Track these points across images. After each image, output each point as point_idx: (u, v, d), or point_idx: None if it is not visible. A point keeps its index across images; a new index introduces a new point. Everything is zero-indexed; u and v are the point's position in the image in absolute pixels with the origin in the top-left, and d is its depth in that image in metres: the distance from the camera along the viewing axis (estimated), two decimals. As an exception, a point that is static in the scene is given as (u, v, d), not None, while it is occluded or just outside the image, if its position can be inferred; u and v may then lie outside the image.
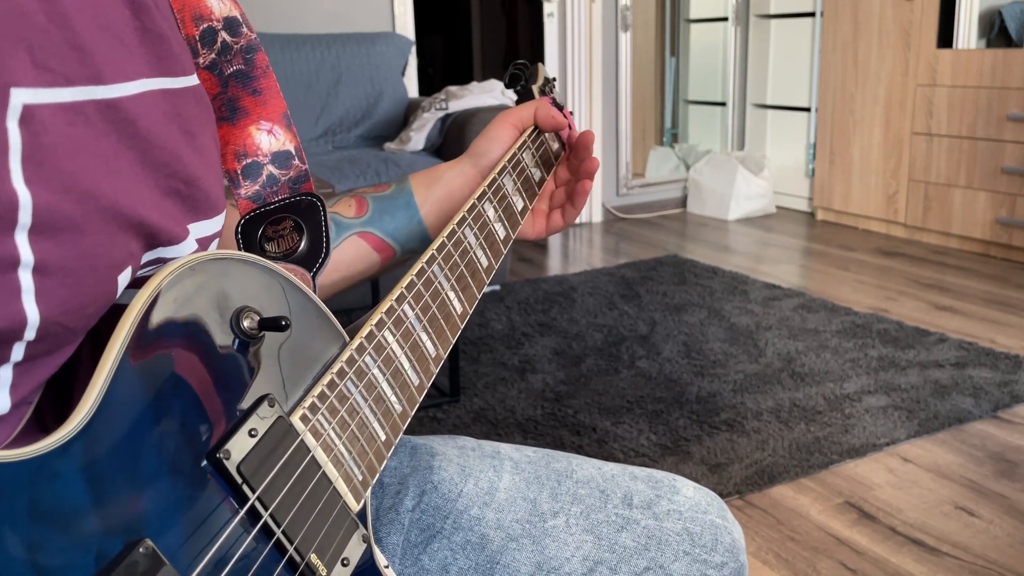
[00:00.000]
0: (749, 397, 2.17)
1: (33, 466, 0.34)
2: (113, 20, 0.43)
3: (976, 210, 3.42)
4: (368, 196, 0.73)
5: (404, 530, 0.64)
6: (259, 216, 0.57)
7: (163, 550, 0.38)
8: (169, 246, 0.47)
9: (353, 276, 0.72)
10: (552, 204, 0.82)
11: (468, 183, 0.75)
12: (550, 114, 0.78)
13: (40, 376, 0.43)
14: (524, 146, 0.76)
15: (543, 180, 0.79)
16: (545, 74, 0.88)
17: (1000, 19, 3.43)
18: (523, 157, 0.76)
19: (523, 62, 0.88)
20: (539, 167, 0.78)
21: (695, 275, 3.24)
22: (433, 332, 0.59)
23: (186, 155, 0.47)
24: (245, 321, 0.45)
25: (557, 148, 0.82)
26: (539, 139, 0.79)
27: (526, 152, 0.77)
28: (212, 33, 0.53)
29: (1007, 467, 1.83)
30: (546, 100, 0.81)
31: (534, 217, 0.80)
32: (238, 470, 0.42)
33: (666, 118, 5.40)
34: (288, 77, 3.25)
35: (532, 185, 0.77)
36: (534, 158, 0.78)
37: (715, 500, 0.71)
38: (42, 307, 0.39)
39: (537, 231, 0.80)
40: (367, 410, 0.52)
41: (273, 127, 0.57)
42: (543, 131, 0.80)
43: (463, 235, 0.64)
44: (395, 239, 0.73)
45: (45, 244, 0.38)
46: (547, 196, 0.82)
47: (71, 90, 0.40)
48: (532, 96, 0.85)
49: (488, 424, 2.07)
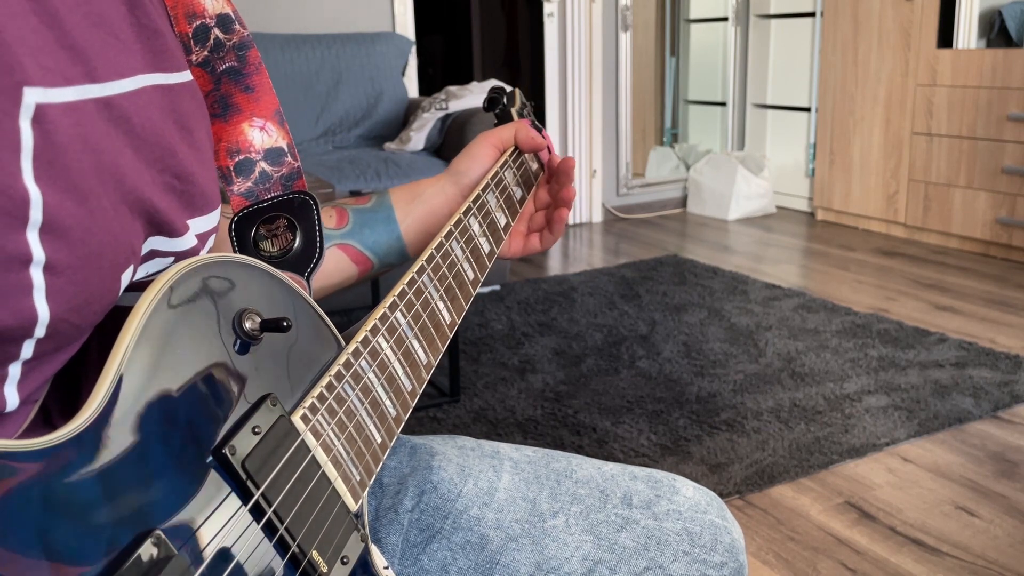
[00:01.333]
0: (749, 397, 2.17)
1: (47, 455, 0.35)
2: (108, 16, 0.43)
3: (976, 210, 3.43)
4: (349, 208, 0.74)
5: (403, 530, 0.65)
6: (252, 213, 0.57)
7: (171, 543, 0.38)
8: (171, 237, 0.47)
9: (330, 287, 0.73)
10: (531, 227, 0.84)
11: (448, 201, 0.76)
12: (530, 135, 0.81)
13: (47, 373, 0.43)
14: (506, 165, 0.79)
15: (524, 199, 0.81)
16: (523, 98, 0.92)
17: (1000, 19, 3.43)
18: (505, 175, 0.78)
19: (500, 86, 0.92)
20: (520, 186, 0.81)
21: (695, 275, 3.24)
22: (424, 340, 0.60)
23: (181, 151, 0.48)
24: (247, 322, 0.46)
25: (536, 168, 0.85)
26: (519, 159, 0.82)
27: (508, 171, 0.79)
28: (205, 30, 0.53)
29: (1007, 467, 1.83)
30: (525, 122, 0.84)
31: (511, 238, 0.82)
32: (243, 466, 0.43)
33: (666, 118, 5.40)
34: (288, 77, 3.25)
35: (514, 203, 0.79)
36: (515, 177, 0.80)
37: (715, 500, 0.71)
38: (52, 305, 0.39)
39: (513, 251, 0.82)
40: (364, 413, 0.53)
41: (266, 124, 0.57)
42: (523, 152, 0.82)
43: (450, 248, 0.66)
44: (374, 252, 0.74)
45: (55, 242, 0.39)
46: (526, 218, 0.84)
47: (72, 89, 0.40)
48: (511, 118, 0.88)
49: (488, 424, 2.07)
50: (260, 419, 0.45)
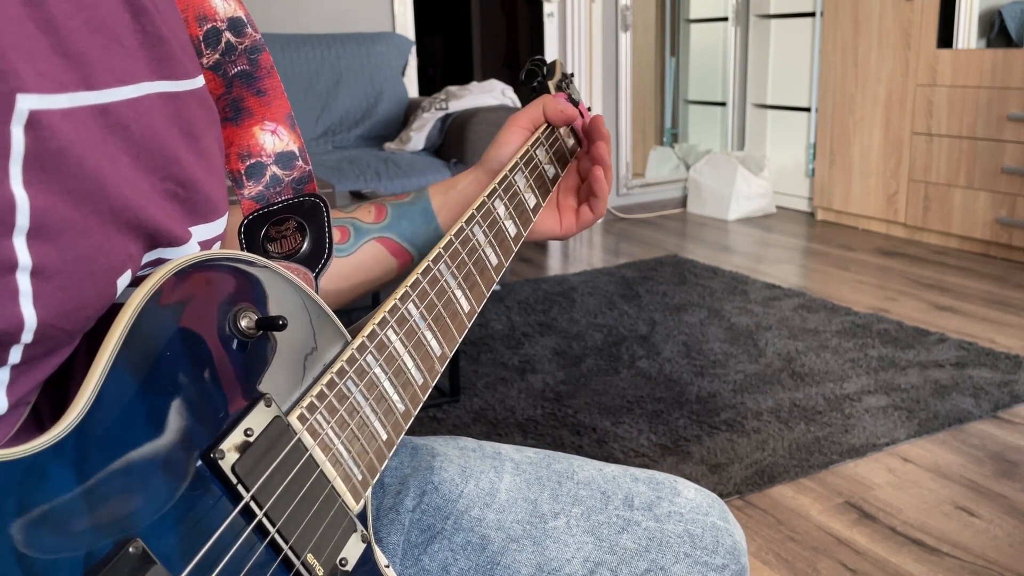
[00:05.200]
0: (749, 397, 2.17)
1: (24, 465, 0.34)
2: (110, 23, 0.43)
3: (976, 210, 3.42)
4: (387, 203, 0.74)
5: (405, 530, 0.64)
6: (262, 216, 0.57)
7: (155, 550, 0.38)
8: (171, 247, 0.47)
9: (371, 281, 0.72)
10: (579, 199, 0.80)
11: (482, 188, 0.75)
12: (558, 108, 0.77)
13: (37, 377, 0.43)
14: (537, 143, 0.76)
15: (557, 177, 0.78)
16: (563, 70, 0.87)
17: (1000, 19, 3.43)
18: (536, 154, 0.75)
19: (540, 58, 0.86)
20: (553, 163, 0.77)
21: (695, 275, 3.24)
22: (438, 330, 0.58)
23: (185, 158, 0.47)
24: (243, 320, 0.45)
25: (573, 144, 0.81)
26: (553, 135, 0.78)
27: (539, 149, 0.76)
28: (216, 33, 0.53)
29: (1007, 467, 1.83)
30: (561, 96, 0.80)
31: (563, 214, 0.79)
32: (232, 470, 0.42)
33: (666, 118, 5.40)
34: (288, 77, 3.25)
35: (545, 182, 0.76)
36: (548, 154, 0.77)
37: (716, 502, 0.70)
38: (39, 310, 0.39)
39: (567, 228, 0.79)
40: (367, 409, 0.52)
41: (277, 128, 0.57)
42: (555, 127, 0.79)
43: (471, 233, 0.64)
44: (412, 244, 0.73)
45: (43, 247, 0.38)
46: (573, 191, 0.81)
47: (68, 96, 0.40)
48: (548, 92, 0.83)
49: (488, 424, 2.06)
50: (253, 420, 0.44)
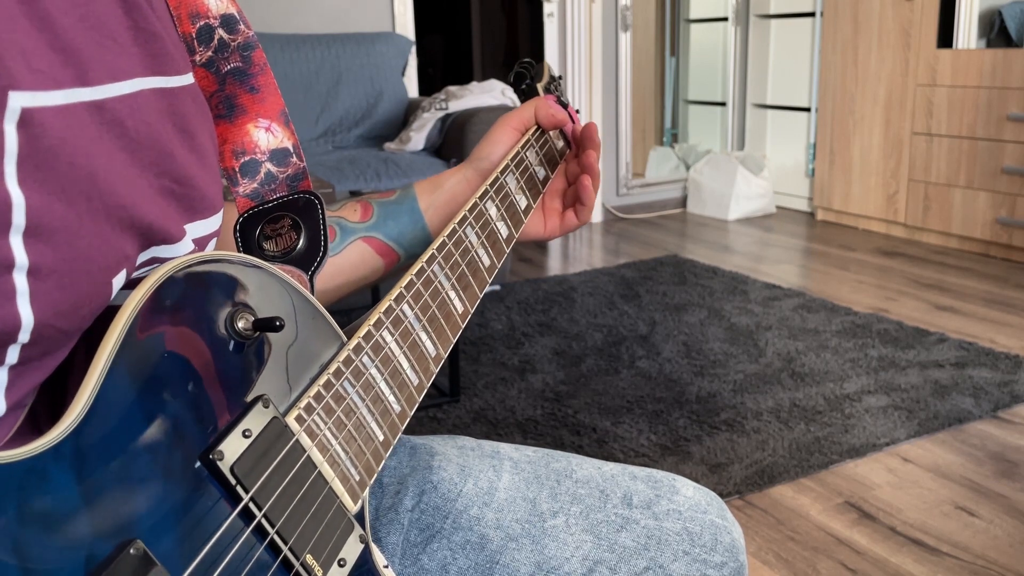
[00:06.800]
0: (749, 397, 2.17)
1: (23, 468, 0.34)
2: (104, 19, 0.43)
3: (976, 210, 3.42)
4: (373, 201, 0.73)
5: (403, 530, 0.64)
6: (257, 214, 0.57)
7: (156, 551, 0.38)
8: (165, 245, 0.47)
9: (357, 281, 0.72)
10: (565, 203, 0.81)
11: (470, 188, 0.75)
12: (549, 112, 0.78)
13: (35, 379, 0.43)
14: (528, 145, 0.76)
15: (547, 179, 0.78)
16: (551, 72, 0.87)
17: (1000, 19, 3.42)
18: (526, 155, 0.75)
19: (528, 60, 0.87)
20: (543, 165, 0.78)
21: (695, 275, 3.24)
22: (433, 331, 0.58)
23: (180, 154, 0.47)
24: (239, 322, 0.45)
25: (562, 146, 0.82)
26: (543, 138, 0.79)
27: (529, 151, 0.76)
28: (209, 30, 0.53)
29: (1007, 467, 1.83)
30: (550, 98, 0.80)
31: (547, 217, 0.80)
32: (231, 471, 0.42)
33: (666, 118, 5.40)
34: (288, 77, 3.25)
35: (536, 183, 0.76)
36: (538, 156, 0.77)
37: (715, 500, 0.70)
38: (36, 310, 0.38)
39: (550, 230, 0.79)
40: (364, 410, 0.52)
41: (271, 124, 0.57)
42: (545, 129, 0.79)
43: (464, 234, 0.64)
44: (399, 244, 0.73)
45: (39, 246, 0.38)
46: (559, 195, 0.81)
47: (62, 92, 0.39)
48: (537, 94, 0.84)
49: (488, 424, 2.06)
50: (252, 421, 0.44)
